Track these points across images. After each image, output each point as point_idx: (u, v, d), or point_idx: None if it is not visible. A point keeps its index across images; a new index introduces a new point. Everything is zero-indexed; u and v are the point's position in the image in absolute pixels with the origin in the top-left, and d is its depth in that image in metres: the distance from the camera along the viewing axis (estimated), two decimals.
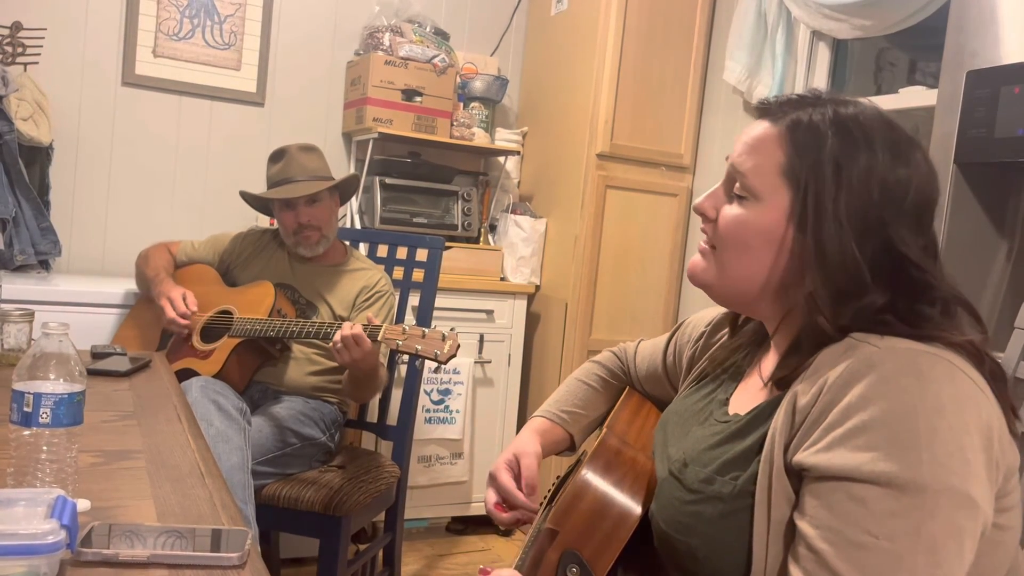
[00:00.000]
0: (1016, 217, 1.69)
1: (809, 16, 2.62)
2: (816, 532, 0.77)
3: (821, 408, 0.80)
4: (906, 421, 0.75)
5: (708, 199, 0.96)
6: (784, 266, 0.89)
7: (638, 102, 3.01)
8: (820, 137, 0.87)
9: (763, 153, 0.90)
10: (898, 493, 0.74)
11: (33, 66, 2.71)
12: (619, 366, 1.36)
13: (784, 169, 0.89)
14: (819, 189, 0.86)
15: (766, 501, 0.83)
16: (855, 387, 0.78)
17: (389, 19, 3.10)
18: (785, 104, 0.93)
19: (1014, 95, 1.54)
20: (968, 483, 0.74)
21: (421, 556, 2.85)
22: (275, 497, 1.98)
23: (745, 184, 0.91)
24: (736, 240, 0.91)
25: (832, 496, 0.76)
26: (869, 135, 0.87)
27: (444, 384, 2.94)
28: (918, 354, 0.79)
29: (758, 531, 0.83)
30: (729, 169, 0.94)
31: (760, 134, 0.92)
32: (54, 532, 0.73)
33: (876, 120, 0.89)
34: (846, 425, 0.77)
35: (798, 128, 0.89)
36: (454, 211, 3.12)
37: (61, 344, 0.94)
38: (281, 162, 2.24)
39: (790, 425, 0.83)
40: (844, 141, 0.87)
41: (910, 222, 0.86)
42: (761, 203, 0.90)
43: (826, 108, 0.89)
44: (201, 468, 1.14)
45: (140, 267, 2.34)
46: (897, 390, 0.76)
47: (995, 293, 1.67)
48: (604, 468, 1.03)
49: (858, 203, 0.85)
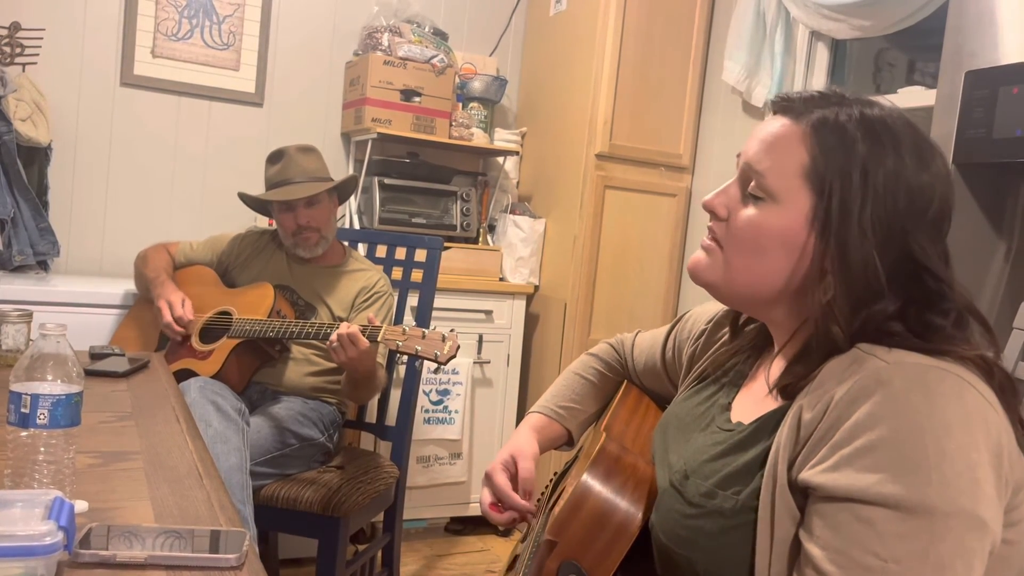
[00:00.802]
0: (1014, 217, 1.69)
1: (808, 16, 2.62)
2: (823, 554, 0.75)
3: (828, 425, 0.78)
4: (914, 441, 0.73)
5: (719, 196, 0.92)
6: (802, 272, 0.86)
7: (637, 102, 3.01)
8: (848, 139, 0.83)
9: (783, 152, 0.86)
10: (906, 515, 0.72)
11: (32, 66, 2.71)
12: (616, 359, 1.34)
13: (807, 171, 0.85)
14: (846, 195, 0.82)
15: (769, 518, 0.81)
16: (863, 405, 0.76)
17: (388, 19, 3.10)
18: (808, 101, 0.88)
19: (1012, 95, 1.54)
20: (977, 503, 0.73)
21: (420, 556, 2.85)
22: (274, 497, 1.98)
23: (762, 184, 0.87)
24: (750, 243, 0.88)
25: (839, 517, 0.75)
26: (897, 139, 0.84)
27: (443, 384, 2.94)
28: (927, 369, 0.77)
29: (760, 548, 0.82)
30: (743, 167, 0.90)
31: (780, 132, 0.87)
32: (51, 533, 0.73)
33: (902, 123, 0.86)
34: (853, 444, 0.75)
35: (824, 128, 0.85)
36: (453, 211, 3.12)
37: (59, 345, 0.94)
38: (280, 163, 2.24)
39: (794, 441, 0.81)
40: (873, 145, 0.83)
41: (930, 231, 0.84)
42: (779, 205, 0.86)
43: (852, 108, 0.86)
44: (199, 469, 1.13)
45: (139, 268, 2.34)
46: (905, 408, 0.74)
47: (993, 294, 1.67)
48: (604, 476, 1.01)
49: (883, 211, 0.82)
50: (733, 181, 0.92)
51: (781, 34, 2.73)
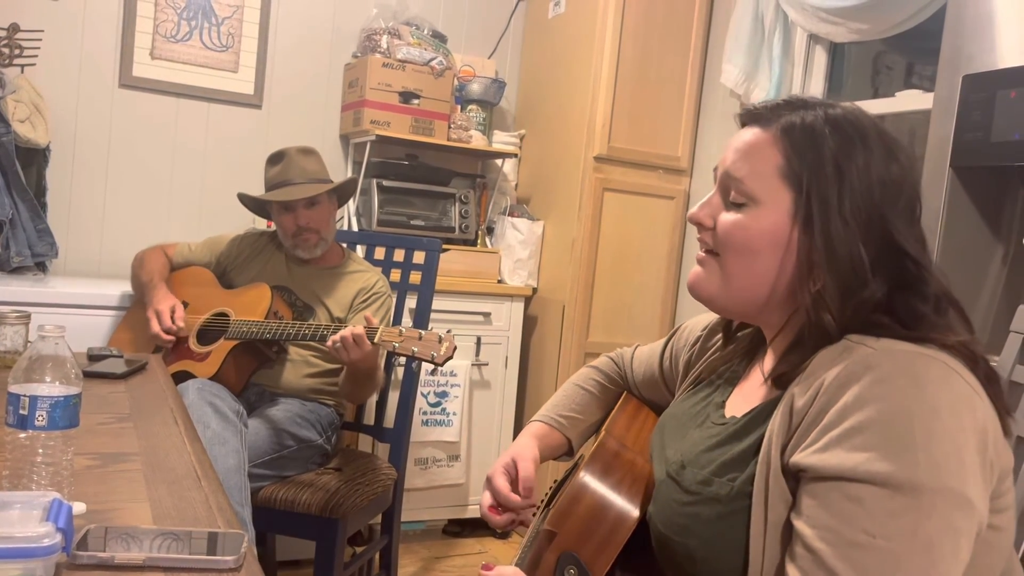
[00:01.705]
0: (1012, 221, 1.70)
1: (806, 19, 2.62)
2: (813, 532, 0.77)
3: (818, 409, 0.80)
4: (902, 422, 0.75)
5: (703, 208, 0.96)
6: (791, 269, 0.89)
7: (635, 105, 3.01)
8: (818, 137, 0.88)
9: (758, 157, 0.90)
10: (895, 493, 0.74)
11: (30, 68, 2.71)
12: (616, 371, 1.37)
13: (783, 171, 0.89)
14: (823, 188, 0.86)
15: (763, 503, 0.83)
16: (852, 388, 0.78)
17: (387, 21, 3.10)
18: (774, 109, 0.93)
19: (1010, 99, 1.55)
20: (964, 483, 0.75)
21: (418, 559, 2.85)
22: (272, 499, 1.98)
23: (743, 190, 0.91)
24: (741, 245, 0.91)
25: (829, 496, 0.77)
26: (863, 133, 0.88)
27: (441, 386, 2.94)
28: (914, 356, 0.79)
29: (755, 532, 0.84)
30: (722, 178, 0.94)
31: (752, 139, 0.92)
32: (49, 535, 0.73)
33: (866, 119, 0.91)
34: (843, 426, 0.77)
35: (793, 130, 0.89)
36: (451, 213, 3.12)
37: (57, 346, 0.94)
38: (280, 164, 2.24)
39: (787, 427, 0.83)
40: (841, 140, 0.88)
41: (905, 216, 0.88)
42: (761, 207, 0.90)
43: (816, 110, 0.90)
44: (197, 471, 1.13)
45: (135, 270, 2.34)
46: (893, 391, 0.77)
47: (991, 297, 1.67)
48: (602, 470, 1.03)
49: (860, 200, 0.86)
50: (714, 192, 0.96)
51: (779, 37, 2.74)
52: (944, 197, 1.64)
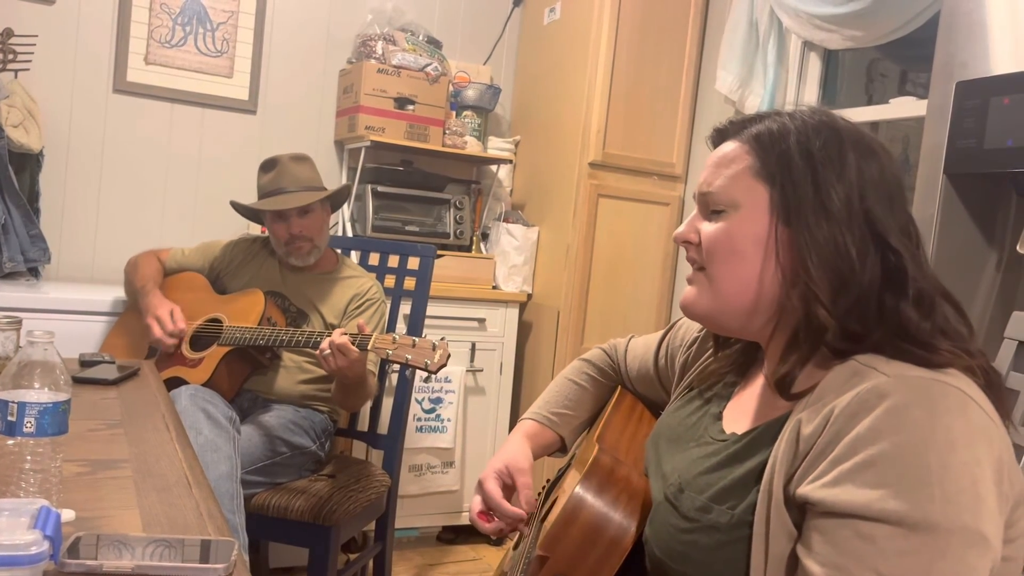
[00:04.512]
0: (1005, 228, 1.70)
1: (800, 26, 2.63)
2: (823, 570, 0.75)
3: (828, 439, 0.77)
4: (917, 456, 0.73)
5: (687, 226, 0.96)
6: (778, 267, 0.88)
7: (630, 111, 3.02)
8: (787, 134, 0.90)
9: (732, 165, 0.92)
10: (908, 532, 0.72)
11: (24, 72, 2.70)
12: (609, 364, 1.34)
13: (756, 170, 0.90)
14: (796, 176, 0.87)
15: (764, 534, 0.81)
16: (864, 419, 0.75)
17: (382, 27, 3.10)
18: (741, 123, 0.95)
19: (1003, 106, 1.55)
20: (980, 520, 0.72)
21: (411, 566, 2.84)
22: (264, 506, 1.97)
23: (720, 199, 0.91)
24: (726, 250, 0.90)
25: (839, 533, 0.74)
26: (833, 127, 0.90)
27: (435, 393, 2.93)
28: (929, 384, 0.77)
29: (755, 564, 0.81)
30: (701, 195, 0.95)
31: (724, 151, 0.94)
32: (37, 543, 0.72)
33: (835, 117, 0.92)
34: (854, 459, 0.75)
35: (761, 135, 0.92)
36: (446, 219, 3.11)
37: (46, 352, 0.93)
38: (272, 172, 2.24)
39: (793, 455, 0.81)
40: (810, 133, 0.89)
41: (885, 203, 0.87)
42: (741, 209, 0.90)
43: (782, 117, 0.92)
44: (188, 478, 1.13)
45: (128, 275, 2.33)
46: (907, 423, 0.74)
47: (984, 303, 1.67)
48: (597, 489, 1.00)
49: (837, 187, 0.86)
50: (695, 213, 0.97)
51: (774, 44, 2.75)
52: (938, 204, 1.64)
